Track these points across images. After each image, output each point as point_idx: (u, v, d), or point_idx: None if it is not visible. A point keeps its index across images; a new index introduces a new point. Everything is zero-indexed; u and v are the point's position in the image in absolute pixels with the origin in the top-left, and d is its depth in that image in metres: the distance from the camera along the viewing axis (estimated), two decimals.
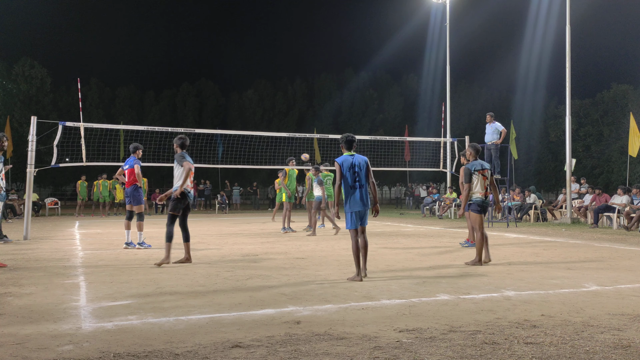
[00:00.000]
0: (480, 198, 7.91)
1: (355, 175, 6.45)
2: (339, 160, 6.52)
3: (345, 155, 6.60)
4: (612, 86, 36.73)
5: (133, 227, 10.25)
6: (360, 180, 6.46)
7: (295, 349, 3.70)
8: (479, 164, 7.98)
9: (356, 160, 6.50)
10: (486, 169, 7.99)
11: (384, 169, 20.12)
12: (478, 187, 7.90)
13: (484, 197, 7.92)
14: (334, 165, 6.61)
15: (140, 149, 10.30)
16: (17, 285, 6.13)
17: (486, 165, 8.03)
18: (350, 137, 6.70)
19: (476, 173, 7.91)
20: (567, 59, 18.42)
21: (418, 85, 44.82)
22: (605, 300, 5.28)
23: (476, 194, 7.91)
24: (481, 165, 7.96)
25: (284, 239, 11.90)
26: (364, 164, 6.54)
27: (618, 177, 32.90)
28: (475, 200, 7.92)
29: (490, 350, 3.66)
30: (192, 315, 4.68)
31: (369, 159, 6.70)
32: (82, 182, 23.91)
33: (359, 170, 6.47)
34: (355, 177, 6.44)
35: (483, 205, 7.95)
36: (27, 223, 12.15)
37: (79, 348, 3.74)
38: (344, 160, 6.50)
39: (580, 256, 8.84)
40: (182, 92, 42.89)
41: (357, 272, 6.41)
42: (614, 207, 15.46)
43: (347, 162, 6.48)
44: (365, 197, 6.49)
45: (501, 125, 15.62)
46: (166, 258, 7.68)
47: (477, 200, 7.91)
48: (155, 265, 7.65)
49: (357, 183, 6.45)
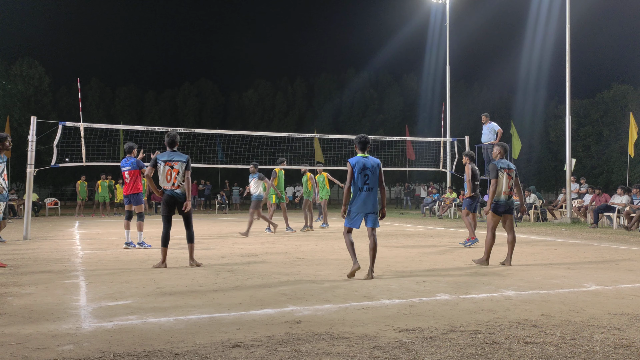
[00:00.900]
0: (504, 198, 7.68)
1: (366, 178, 6.45)
2: (352, 161, 6.51)
3: (359, 156, 6.58)
4: (612, 86, 36.74)
5: (133, 227, 10.24)
6: (369, 183, 6.47)
7: (296, 349, 3.70)
8: (505, 162, 7.80)
9: (369, 163, 6.50)
10: (512, 169, 7.79)
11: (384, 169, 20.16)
12: (503, 187, 7.66)
13: (507, 197, 7.69)
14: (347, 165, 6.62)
15: (135, 148, 10.18)
16: (17, 285, 6.13)
17: (512, 166, 7.84)
18: (365, 138, 6.65)
19: (502, 171, 7.70)
20: (567, 59, 18.44)
21: (418, 85, 44.82)
22: (606, 300, 5.28)
23: (499, 193, 7.68)
24: (508, 164, 7.78)
25: (284, 239, 11.90)
26: (377, 167, 6.54)
27: (618, 177, 32.91)
28: (498, 200, 7.68)
29: (490, 350, 3.66)
30: (192, 315, 4.68)
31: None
32: (81, 182, 23.93)
33: (371, 174, 6.47)
34: (366, 179, 6.46)
35: (506, 205, 7.70)
36: (27, 223, 12.15)
37: (79, 348, 3.74)
38: (357, 162, 6.50)
39: (580, 256, 8.84)
40: (183, 92, 42.90)
41: (354, 261, 6.53)
42: (614, 207, 15.46)
43: (359, 164, 6.48)
44: (372, 200, 6.52)
45: (497, 125, 15.63)
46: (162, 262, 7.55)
47: (501, 200, 7.67)
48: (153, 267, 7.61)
49: (366, 186, 6.47)
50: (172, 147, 7.67)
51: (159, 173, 7.54)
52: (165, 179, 7.50)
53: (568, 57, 18.37)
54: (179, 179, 7.51)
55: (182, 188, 7.53)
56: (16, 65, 36.28)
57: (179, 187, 7.51)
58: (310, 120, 41.58)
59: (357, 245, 6.94)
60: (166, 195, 7.51)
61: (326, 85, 44.71)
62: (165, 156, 7.54)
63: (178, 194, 7.51)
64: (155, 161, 7.55)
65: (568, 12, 18.30)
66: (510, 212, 7.79)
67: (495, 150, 8.05)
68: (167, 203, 7.53)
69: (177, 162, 7.51)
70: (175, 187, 7.50)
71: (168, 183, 7.50)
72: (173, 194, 7.50)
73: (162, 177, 7.53)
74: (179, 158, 7.55)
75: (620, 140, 33.43)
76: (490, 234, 7.75)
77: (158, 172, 7.55)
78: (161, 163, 7.50)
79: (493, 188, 7.66)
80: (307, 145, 24.62)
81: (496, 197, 7.69)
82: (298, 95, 44.44)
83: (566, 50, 18.39)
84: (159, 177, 7.57)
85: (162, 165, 7.50)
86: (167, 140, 7.68)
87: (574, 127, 27.88)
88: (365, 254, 7.50)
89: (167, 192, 7.51)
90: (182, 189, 7.53)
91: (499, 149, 7.98)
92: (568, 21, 18.34)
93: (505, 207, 7.70)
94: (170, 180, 7.49)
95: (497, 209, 7.68)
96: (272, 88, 44.32)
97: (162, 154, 7.67)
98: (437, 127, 33.66)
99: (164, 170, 7.49)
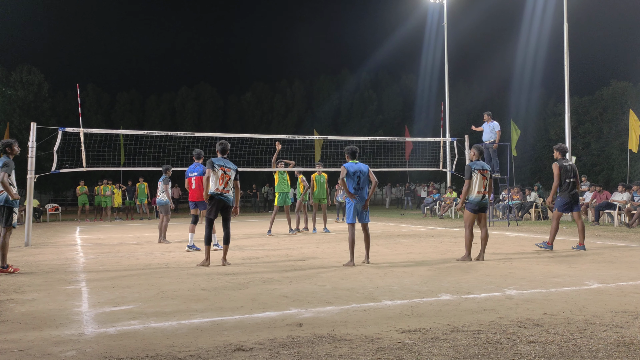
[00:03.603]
0: (479, 198, 8.23)
1: (358, 179, 7.92)
2: (346, 165, 7.98)
3: (351, 162, 8.06)
4: (611, 83, 36.71)
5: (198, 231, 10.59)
6: (360, 184, 7.92)
7: (298, 352, 3.70)
8: (480, 164, 8.37)
9: (359, 167, 7.98)
10: (486, 170, 8.37)
11: (383, 169, 20.13)
12: (477, 187, 8.22)
13: (481, 197, 8.25)
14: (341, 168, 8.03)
15: (203, 155, 10.81)
16: (20, 292, 6.13)
17: (487, 167, 8.42)
18: (354, 149, 8.20)
19: (476, 172, 8.25)
20: (565, 56, 18.44)
21: (416, 85, 44.83)
22: (608, 298, 5.28)
23: (474, 193, 8.23)
24: (482, 166, 8.35)
25: (285, 242, 11.90)
26: (366, 170, 8.00)
27: (618, 174, 32.88)
28: (471, 199, 8.24)
29: (493, 350, 3.66)
30: (195, 319, 4.68)
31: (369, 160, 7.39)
32: (81, 187, 23.96)
33: (361, 175, 7.94)
34: (357, 180, 7.92)
35: (480, 204, 8.24)
36: (28, 229, 12.16)
37: (82, 354, 3.74)
38: (349, 166, 7.97)
39: (581, 254, 8.84)
40: (181, 95, 42.91)
41: (351, 259, 7.83)
42: (615, 204, 15.46)
43: (352, 168, 7.94)
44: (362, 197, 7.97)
45: (498, 125, 15.66)
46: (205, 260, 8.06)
47: (474, 199, 8.22)
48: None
49: (358, 185, 7.92)
50: (224, 154, 8.17)
51: (214, 176, 7.96)
52: (218, 182, 7.92)
53: (566, 54, 18.37)
54: (230, 185, 8.02)
55: (231, 193, 8.05)
56: (16, 71, 36.30)
57: (228, 192, 8.01)
58: (309, 122, 41.58)
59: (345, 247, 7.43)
60: (216, 199, 7.94)
61: (324, 87, 44.70)
62: (221, 162, 8.02)
63: (228, 198, 8.02)
64: (212, 164, 7.96)
65: (565, 9, 18.31)
66: (484, 210, 8.38)
67: (471, 152, 8.66)
68: (216, 206, 8.00)
69: (229, 169, 8.03)
70: (225, 192, 7.98)
71: (220, 186, 7.94)
72: (223, 197, 7.97)
73: (215, 181, 7.94)
74: (231, 166, 8.08)
75: (620, 137, 33.41)
76: (467, 230, 8.26)
77: (213, 175, 7.98)
78: (217, 167, 7.95)
79: (465, 188, 8.27)
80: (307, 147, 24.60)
81: (471, 196, 8.24)
82: (297, 97, 44.43)
83: (564, 48, 18.40)
84: (211, 181, 7.96)
85: (217, 169, 7.94)
86: (220, 147, 8.17)
87: (573, 124, 27.88)
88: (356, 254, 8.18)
89: (217, 196, 7.94)
90: (232, 194, 8.07)
91: (474, 150, 8.57)
92: (566, 18, 18.35)
93: (480, 206, 8.25)
94: (222, 184, 7.94)
95: (472, 207, 8.24)
96: (270, 90, 44.32)
97: (217, 159, 8.08)
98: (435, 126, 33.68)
99: (218, 174, 7.94)
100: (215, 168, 7.92)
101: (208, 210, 8.04)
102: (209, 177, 7.93)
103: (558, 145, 10.14)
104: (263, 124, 42.35)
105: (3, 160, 7.64)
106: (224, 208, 8.05)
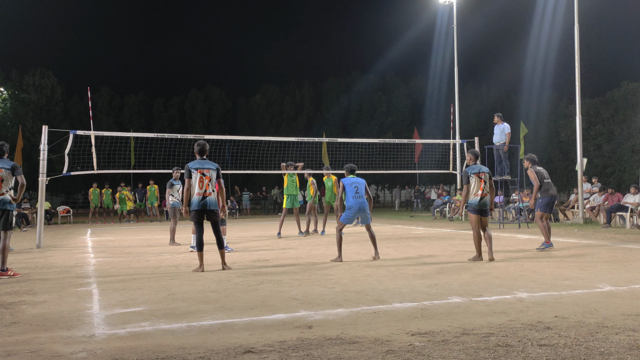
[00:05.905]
0: (478, 200, 8.43)
1: (356, 189, 8.76)
2: (344, 180, 8.86)
3: (349, 177, 8.95)
4: (623, 84, 36.37)
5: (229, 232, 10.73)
6: (359, 193, 8.76)
7: (308, 354, 3.69)
8: (477, 167, 8.60)
9: (357, 181, 8.86)
10: (483, 172, 8.54)
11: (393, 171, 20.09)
12: (475, 189, 8.46)
13: (479, 198, 8.44)
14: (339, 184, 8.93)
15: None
16: (31, 294, 6.18)
17: (484, 169, 8.60)
18: (353, 167, 9.12)
19: (473, 176, 8.50)
20: (576, 57, 18.31)
21: (426, 87, 44.71)
22: (620, 301, 5.23)
23: (472, 195, 8.46)
24: (479, 169, 8.57)
25: (295, 244, 11.90)
26: (363, 183, 8.88)
27: (630, 175, 32.56)
28: (470, 202, 8.49)
29: (503, 353, 3.63)
30: (204, 321, 4.70)
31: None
32: (93, 189, 24.12)
33: (358, 186, 8.79)
34: (356, 190, 8.76)
35: (480, 205, 8.44)
36: (39, 231, 12.26)
37: (93, 355, 3.77)
38: (346, 179, 8.88)
39: (593, 256, 8.76)
40: (191, 98, 43.12)
41: (339, 255, 8.71)
42: (627, 206, 15.31)
43: (349, 180, 8.85)
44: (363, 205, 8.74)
45: (509, 127, 15.58)
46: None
47: (473, 201, 8.46)
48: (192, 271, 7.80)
49: (357, 194, 8.73)
50: (202, 156, 7.86)
51: (192, 181, 7.68)
52: (197, 186, 7.63)
53: (577, 55, 18.24)
54: (211, 186, 7.69)
55: (213, 195, 7.70)
56: (29, 75, 36.68)
57: (210, 195, 7.66)
58: (319, 124, 41.60)
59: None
60: (197, 202, 7.63)
61: (334, 89, 44.74)
62: (197, 164, 7.72)
63: (208, 201, 7.66)
64: (189, 171, 7.68)
65: (576, 11, 18.17)
66: (485, 210, 8.58)
67: (467, 157, 8.94)
68: (198, 215, 7.68)
69: (208, 170, 7.70)
70: (207, 194, 7.64)
71: (200, 190, 7.62)
72: (203, 202, 7.63)
73: (194, 185, 7.66)
74: (209, 166, 7.75)
75: (632, 138, 33.11)
76: (474, 232, 8.50)
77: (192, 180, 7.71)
78: (194, 171, 7.66)
79: (465, 193, 8.56)
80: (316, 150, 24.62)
81: (470, 199, 8.49)
82: (306, 100, 44.50)
83: (575, 49, 18.26)
84: (192, 185, 7.70)
85: (195, 172, 7.65)
86: (197, 148, 7.89)
87: (584, 126, 27.62)
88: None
89: (198, 199, 7.62)
90: (213, 196, 7.71)
91: (470, 155, 8.87)
92: (576, 19, 18.22)
93: (480, 207, 8.47)
94: (202, 187, 7.63)
95: (473, 209, 8.48)
96: (279, 93, 44.43)
97: (193, 162, 7.81)
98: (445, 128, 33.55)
99: (196, 178, 7.64)
100: (193, 173, 7.62)
101: (191, 218, 7.77)
102: (189, 188, 7.62)
103: (528, 155, 10.64)
104: (272, 127, 42.43)
105: (12, 164, 7.66)
106: (208, 213, 7.68)
